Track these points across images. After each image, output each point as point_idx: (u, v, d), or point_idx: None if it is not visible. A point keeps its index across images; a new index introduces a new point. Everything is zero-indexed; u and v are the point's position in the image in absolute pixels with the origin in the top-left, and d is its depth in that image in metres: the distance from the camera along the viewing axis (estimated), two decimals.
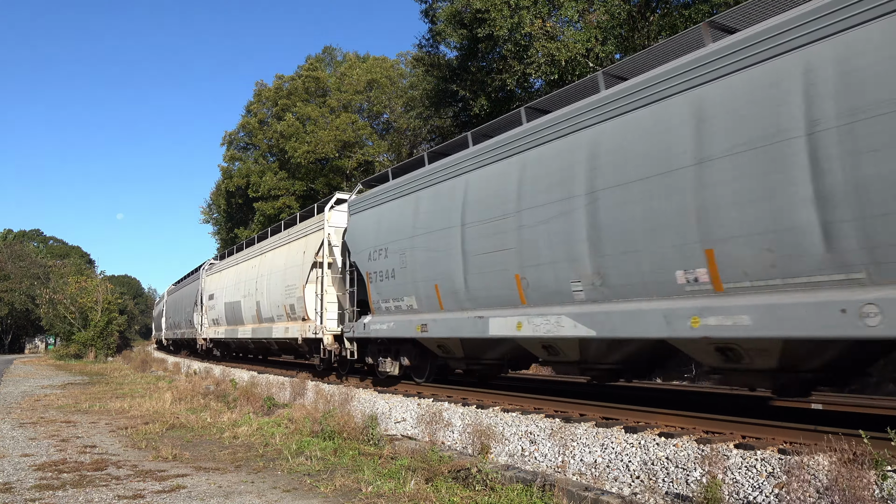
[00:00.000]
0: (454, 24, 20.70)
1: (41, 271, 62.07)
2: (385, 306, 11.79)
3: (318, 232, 15.43)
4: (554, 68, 17.34)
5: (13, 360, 44.07)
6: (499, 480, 5.29)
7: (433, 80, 23.71)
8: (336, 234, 14.89)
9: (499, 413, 8.76)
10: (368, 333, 12.39)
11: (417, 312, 10.82)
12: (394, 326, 11.46)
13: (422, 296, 10.63)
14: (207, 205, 59.49)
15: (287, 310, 16.90)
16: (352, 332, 13.16)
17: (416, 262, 10.78)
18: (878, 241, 4.94)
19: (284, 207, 37.28)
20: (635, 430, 6.84)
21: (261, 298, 19.00)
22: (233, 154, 47.93)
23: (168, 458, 7.12)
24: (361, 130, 36.01)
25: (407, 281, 11.00)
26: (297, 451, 7.28)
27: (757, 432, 6.36)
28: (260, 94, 43.57)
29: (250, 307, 20.07)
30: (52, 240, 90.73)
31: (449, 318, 9.99)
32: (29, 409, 12.08)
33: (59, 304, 41.09)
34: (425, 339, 10.87)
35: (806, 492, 4.30)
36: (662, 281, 6.62)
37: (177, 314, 35.48)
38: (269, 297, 18.32)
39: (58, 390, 16.50)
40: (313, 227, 15.97)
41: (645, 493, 5.19)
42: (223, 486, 5.85)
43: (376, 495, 5.34)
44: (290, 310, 16.69)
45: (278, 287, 17.53)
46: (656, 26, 17.19)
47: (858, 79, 5.06)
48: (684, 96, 6.49)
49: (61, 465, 6.84)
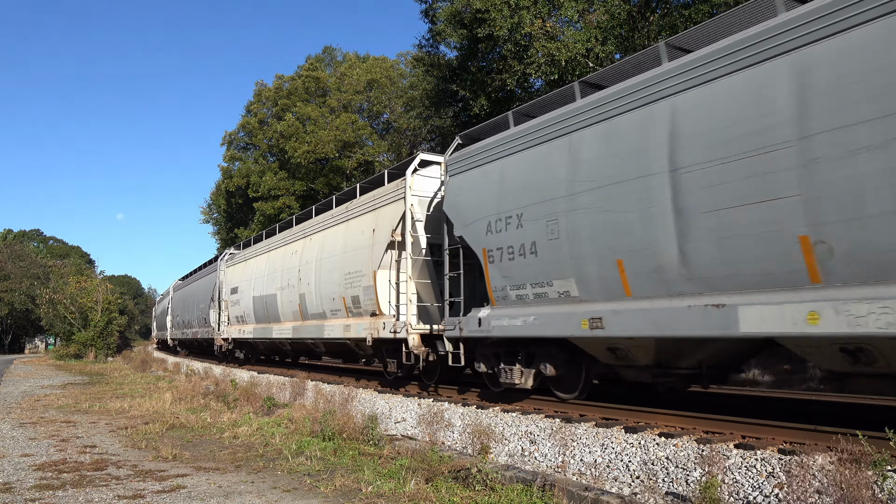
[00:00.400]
0: (454, 24, 20.71)
1: (41, 271, 62.09)
2: (516, 294, 8.88)
3: (396, 203, 12.11)
4: (554, 68, 17.35)
5: (13, 360, 44.07)
6: (499, 480, 5.29)
7: (433, 80, 23.72)
8: (420, 205, 11.74)
9: (499, 413, 8.76)
10: (488, 331, 9.36)
11: (579, 301, 7.93)
12: (534, 322, 8.55)
13: (589, 277, 7.75)
14: (207, 205, 59.60)
15: (347, 303, 13.71)
16: (456, 329, 10.08)
17: (576, 230, 7.86)
18: None
19: (284, 207, 37.32)
20: (635, 430, 6.84)
21: (306, 290, 15.87)
22: (233, 154, 47.99)
23: (168, 458, 7.12)
24: (361, 130, 36.04)
25: (560, 257, 8.12)
26: (297, 451, 7.28)
27: (757, 432, 6.37)
28: (260, 94, 43.61)
29: (290, 301, 16.95)
30: (52, 240, 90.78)
31: (646, 308, 7.09)
32: (29, 409, 12.08)
33: (59, 304, 41.09)
34: (592, 339, 7.91)
35: (806, 492, 4.30)
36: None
37: (187, 312, 32.12)
38: (318, 289, 15.18)
39: (58, 390, 16.50)
40: (388, 197, 12.58)
41: (645, 493, 5.19)
42: (223, 486, 5.85)
43: (376, 495, 5.34)
44: (351, 303, 13.52)
45: (334, 275, 14.38)
46: (656, 26, 17.19)
47: None
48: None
49: (61, 465, 6.84)
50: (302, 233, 17.28)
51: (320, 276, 15.11)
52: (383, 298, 12.35)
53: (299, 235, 17.46)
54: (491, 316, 9.33)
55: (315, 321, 15.54)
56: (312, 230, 16.48)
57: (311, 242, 16.31)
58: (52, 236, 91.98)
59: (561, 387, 9.17)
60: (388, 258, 12.22)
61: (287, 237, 18.44)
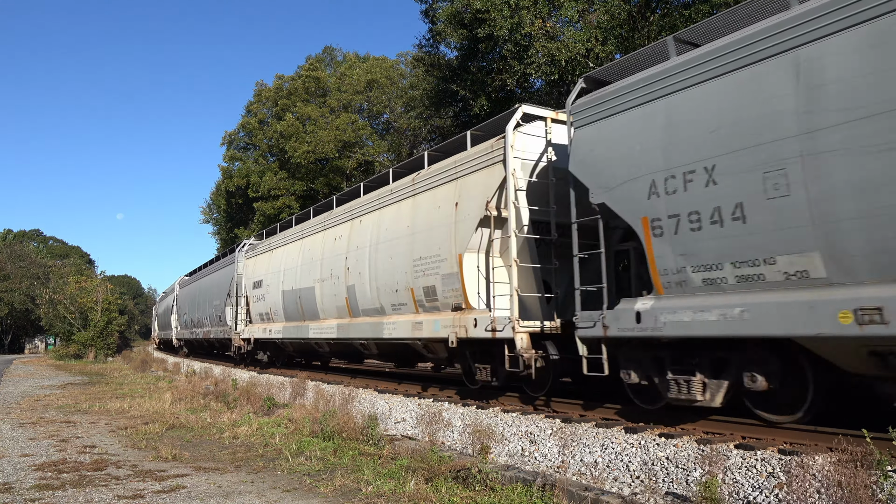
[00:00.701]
0: (454, 24, 20.74)
1: (41, 271, 62.13)
2: (703, 278, 6.48)
3: (491, 168, 9.62)
4: (554, 68, 17.36)
5: (13, 360, 44.07)
6: (499, 480, 5.29)
7: (433, 80, 23.75)
8: (523, 169, 9.33)
9: (499, 413, 8.75)
10: (656, 330, 6.91)
11: (827, 286, 5.59)
12: (741, 316, 6.10)
13: (850, 249, 5.41)
14: (207, 205, 59.67)
15: (417, 295, 11.18)
16: (597, 327, 7.62)
17: (825, 181, 5.53)
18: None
19: (284, 207, 37.35)
20: (635, 431, 6.83)
21: (356, 281, 13.27)
22: (233, 154, 48.02)
23: (168, 458, 7.12)
24: (361, 130, 36.06)
25: (790, 222, 5.77)
26: (297, 451, 7.28)
27: (757, 432, 6.36)
28: (260, 94, 43.64)
29: (334, 295, 14.38)
30: (52, 240, 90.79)
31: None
32: (29, 410, 12.08)
33: (59, 304, 41.13)
34: (854, 339, 5.42)
35: (806, 492, 4.30)
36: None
37: (196, 310, 29.24)
38: (374, 279, 12.60)
39: (57, 390, 16.50)
40: (477, 162, 10.03)
41: (645, 493, 5.19)
42: (223, 486, 5.85)
43: (376, 495, 5.34)
44: (423, 295, 11.00)
45: (397, 262, 11.78)
46: (656, 26, 17.19)
47: None
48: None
49: (61, 465, 6.83)
50: (348, 214, 14.50)
51: (377, 263, 12.54)
52: (471, 289, 9.94)
53: (344, 217, 14.63)
54: (658, 309, 6.89)
55: (369, 318, 12.92)
56: (362, 210, 13.83)
57: (361, 225, 13.70)
58: (52, 236, 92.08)
59: (769, 405, 6.64)
60: (477, 238, 9.85)
61: (327, 220, 15.63)
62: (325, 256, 15.08)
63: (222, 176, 49.76)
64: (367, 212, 13.56)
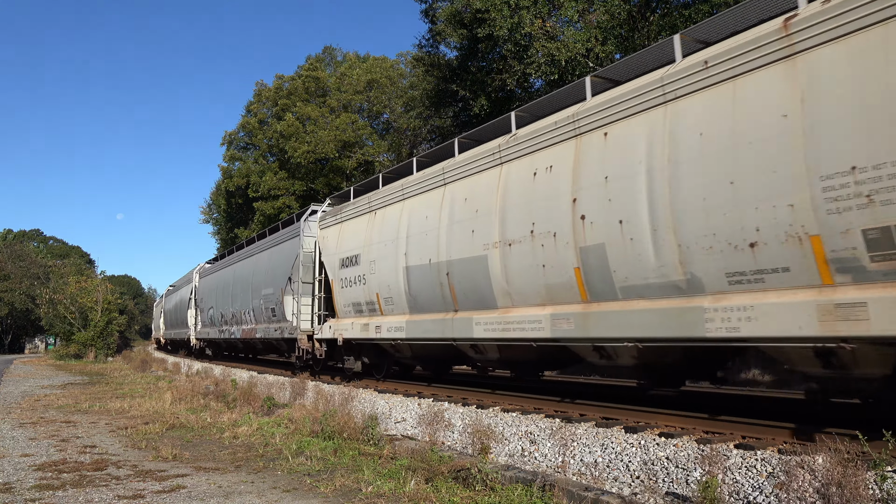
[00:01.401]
0: (454, 24, 20.73)
1: (41, 271, 62.17)
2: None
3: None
4: (554, 68, 17.36)
5: (13, 360, 44.07)
6: (499, 480, 5.29)
7: (433, 80, 23.73)
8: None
9: (499, 413, 8.76)
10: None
11: None
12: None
13: None
14: (207, 205, 59.68)
15: None
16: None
17: None
18: None
19: (284, 207, 37.34)
20: (635, 430, 6.84)
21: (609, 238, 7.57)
22: (233, 154, 48.02)
23: (168, 458, 7.12)
24: (361, 130, 36.06)
25: None
26: (297, 451, 7.28)
27: (757, 432, 6.36)
28: (260, 94, 43.65)
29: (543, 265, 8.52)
30: (52, 240, 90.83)
31: None
32: (29, 409, 12.08)
33: (59, 304, 41.10)
34: None
35: (805, 492, 4.30)
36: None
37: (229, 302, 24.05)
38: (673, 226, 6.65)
39: (58, 390, 16.50)
40: None
41: (645, 493, 5.19)
42: (223, 485, 5.85)
43: (376, 495, 5.34)
44: None
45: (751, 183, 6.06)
46: (656, 26, 17.19)
47: None
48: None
49: (61, 465, 6.84)
50: (566, 125, 8.27)
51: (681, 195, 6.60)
52: None
53: (553, 135, 8.52)
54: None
55: (649, 302, 7.04)
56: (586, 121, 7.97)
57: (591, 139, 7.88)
58: (52, 236, 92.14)
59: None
60: None
61: (512, 146, 9.39)
62: (510, 205, 9.21)
63: (222, 176, 49.80)
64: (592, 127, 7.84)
